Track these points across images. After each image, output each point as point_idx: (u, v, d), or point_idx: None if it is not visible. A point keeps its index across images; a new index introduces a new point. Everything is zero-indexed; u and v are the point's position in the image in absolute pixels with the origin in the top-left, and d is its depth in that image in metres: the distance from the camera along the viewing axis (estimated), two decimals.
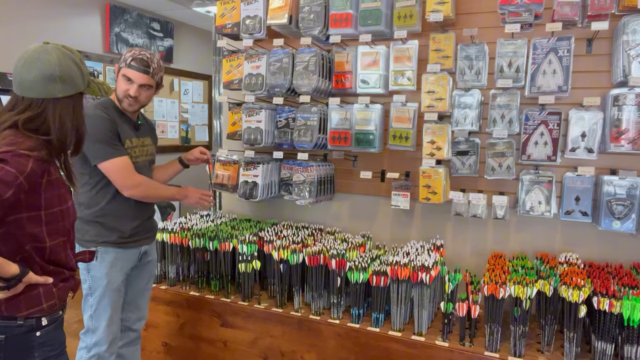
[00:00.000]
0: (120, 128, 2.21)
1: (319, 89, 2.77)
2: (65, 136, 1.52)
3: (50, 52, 1.49)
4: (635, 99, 2.21)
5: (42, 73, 1.47)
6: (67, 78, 1.49)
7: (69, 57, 1.52)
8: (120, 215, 2.23)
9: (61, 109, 1.50)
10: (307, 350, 2.53)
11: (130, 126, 2.28)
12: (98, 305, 2.22)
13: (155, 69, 2.19)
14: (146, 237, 2.36)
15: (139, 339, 2.51)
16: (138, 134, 2.32)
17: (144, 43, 6.75)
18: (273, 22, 2.86)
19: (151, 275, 2.49)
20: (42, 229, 1.49)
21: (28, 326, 1.49)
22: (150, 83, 2.19)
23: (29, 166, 1.39)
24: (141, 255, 2.36)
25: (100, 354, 2.22)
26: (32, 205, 1.45)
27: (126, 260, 2.28)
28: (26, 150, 1.40)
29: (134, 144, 2.28)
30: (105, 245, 2.20)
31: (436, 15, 2.51)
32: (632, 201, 2.27)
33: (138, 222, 2.29)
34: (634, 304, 1.96)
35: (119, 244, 2.23)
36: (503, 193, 2.58)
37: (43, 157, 1.45)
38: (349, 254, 2.55)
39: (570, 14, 2.29)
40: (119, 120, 2.22)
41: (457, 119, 2.55)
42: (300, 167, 2.85)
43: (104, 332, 2.23)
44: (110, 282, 2.22)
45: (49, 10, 5.36)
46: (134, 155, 2.26)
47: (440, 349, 2.25)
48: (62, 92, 1.49)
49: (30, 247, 1.47)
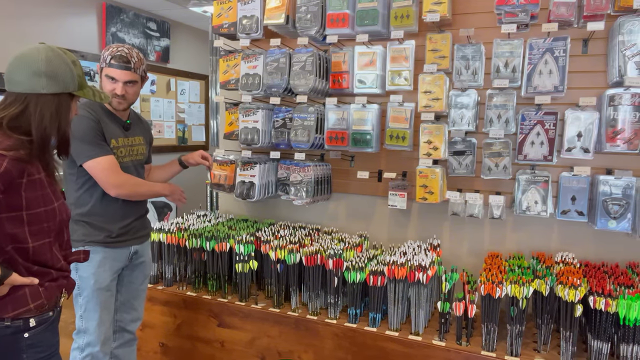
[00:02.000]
0: (106, 128, 2.20)
1: (316, 89, 2.77)
2: (46, 134, 1.49)
3: (40, 50, 1.49)
4: (630, 99, 2.22)
5: (29, 68, 1.46)
6: (53, 75, 1.48)
7: (59, 56, 1.51)
8: (108, 215, 2.21)
9: (43, 105, 1.48)
10: (305, 350, 2.53)
11: (117, 126, 2.27)
12: (87, 305, 2.20)
13: (136, 62, 2.17)
14: (136, 237, 2.33)
15: (134, 340, 2.50)
16: (127, 134, 2.31)
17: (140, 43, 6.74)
18: (270, 22, 2.85)
19: (145, 276, 2.47)
20: (24, 230, 1.47)
21: (15, 327, 1.47)
22: (134, 79, 2.18)
23: (3, 166, 1.38)
24: (132, 256, 2.34)
25: (94, 354, 2.22)
26: (11, 205, 1.43)
27: (115, 260, 2.26)
28: (2, 150, 1.39)
29: (120, 144, 2.26)
30: (92, 244, 2.18)
31: (433, 15, 2.52)
32: (627, 201, 2.28)
33: (127, 222, 2.27)
34: (629, 303, 1.97)
35: (107, 244, 2.21)
36: (499, 193, 2.59)
37: (21, 157, 1.43)
38: (346, 254, 2.55)
39: (566, 14, 2.29)
40: (106, 119, 2.21)
41: (454, 119, 2.55)
42: (298, 167, 2.85)
43: (95, 332, 2.21)
44: (98, 281, 2.20)
45: (45, 10, 5.34)
46: (120, 155, 2.25)
47: (437, 348, 2.26)
48: (46, 87, 1.48)
49: (12, 248, 1.45)
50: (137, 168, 2.37)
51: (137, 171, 2.37)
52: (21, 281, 1.44)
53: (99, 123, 2.16)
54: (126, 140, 2.30)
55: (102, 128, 2.17)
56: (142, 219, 2.39)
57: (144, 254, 2.43)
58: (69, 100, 1.56)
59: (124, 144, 2.28)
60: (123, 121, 2.30)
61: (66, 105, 1.55)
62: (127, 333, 2.44)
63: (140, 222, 2.38)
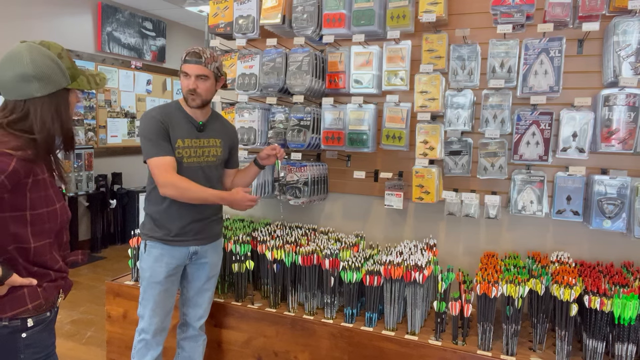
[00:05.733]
0: (175, 127, 2.24)
1: (313, 88, 2.77)
2: (49, 136, 1.49)
3: (22, 52, 1.45)
4: (625, 99, 2.24)
5: (15, 73, 1.44)
6: (42, 76, 1.45)
7: (43, 55, 1.47)
8: (168, 214, 2.27)
9: (42, 109, 1.47)
10: (301, 350, 2.53)
11: (190, 126, 2.29)
12: (144, 294, 2.32)
13: (208, 58, 2.22)
14: (196, 238, 2.33)
15: (200, 336, 2.51)
16: (199, 135, 2.31)
17: (136, 42, 6.72)
18: (266, 21, 2.85)
19: (208, 276, 2.45)
20: (27, 230, 1.46)
21: (13, 327, 1.47)
22: (205, 73, 2.21)
23: (12, 165, 1.38)
24: (191, 255, 2.36)
25: (147, 340, 2.32)
26: (16, 205, 1.43)
27: (172, 258, 2.30)
28: (10, 150, 1.39)
29: (187, 145, 2.27)
30: (153, 240, 2.29)
31: (429, 15, 2.52)
32: (622, 200, 2.29)
33: (185, 223, 2.29)
34: (624, 303, 1.98)
35: (166, 241, 2.29)
36: (495, 193, 2.60)
37: (29, 157, 1.42)
38: (342, 254, 2.55)
39: (562, 14, 2.30)
40: (178, 119, 2.27)
41: (450, 119, 2.56)
42: (294, 167, 2.85)
43: (148, 321, 2.30)
44: (153, 275, 2.28)
45: (40, 10, 5.32)
46: (184, 156, 2.26)
47: (433, 348, 2.26)
48: (39, 91, 1.45)
49: (14, 247, 1.45)
50: (206, 170, 2.33)
51: (207, 173, 2.34)
52: (20, 282, 1.44)
53: (163, 123, 2.21)
54: (196, 142, 2.30)
55: (167, 128, 2.22)
56: (204, 221, 2.35)
57: (206, 255, 2.40)
58: (66, 95, 1.54)
59: (191, 145, 2.28)
60: (197, 122, 2.31)
61: (64, 102, 1.53)
62: (192, 328, 2.48)
63: (202, 225, 2.35)
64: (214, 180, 2.39)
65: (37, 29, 5.21)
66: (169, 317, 2.39)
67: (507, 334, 2.18)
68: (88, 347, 3.59)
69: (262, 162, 2.52)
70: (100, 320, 3.91)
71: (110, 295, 2.95)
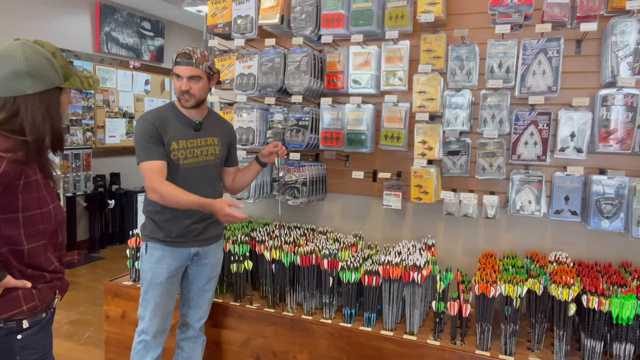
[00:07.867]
0: (169, 129, 2.23)
1: (311, 89, 2.77)
2: (40, 135, 1.47)
3: (16, 49, 1.45)
4: (623, 99, 2.24)
5: (8, 70, 1.42)
6: (35, 73, 1.44)
7: (37, 52, 1.46)
8: (168, 215, 2.26)
9: (32, 107, 1.45)
10: (300, 351, 2.53)
11: (186, 126, 2.29)
12: (145, 295, 2.31)
13: (199, 58, 2.21)
14: (197, 239, 2.33)
15: (199, 337, 2.50)
16: (197, 134, 2.31)
17: (134, 42, 6.71)
18: (265, 22, 2.85)
19: (209, 277, 2.45)
20: (20, 232, 1.46)
21: (8, 329, 1.46)
22: (197, 73, 2.20)
23: (2, 167, 1.37)
24: (192, 257, 2.36)
25: (147, 342, 2.31)
26: (8, 207, 1.43)
27: (173, 259, 2.30)
28: (1, 152, 1.38)
29: (182, 146, 2.26)
30: (154, 241, 2.29)
31: (427, 15, 2.53)
32: (620, 200, 2.30)
33: (186, 224, 2.28)
34: (622, 302, 1.98)
35: (166, 243, 2.28)
36: (493, 193, 2.60)
37: (20, 159, 1.41)
38: (341, 254, 2.55)
39: (560, 15, 2.31)
40: (173, 121, 2.26)
41: (448, 119, 2.56)
42: (292, 167, 2.85)
43: (148, 322, 2.30)
44: (154, 277, 2.28)
45: (38, 9, 5.31)
46: (181, 158, 2.25)
47: (432, 347, 2.26)
48: (31, 88, 1.44)
49: (7, 250, 1.45)
50: (205, 171, 2.33)
51: (206, 174, 2.33)
52: (15, 284, 1.43)
53: (157, 127, 2.20)
54: (193, 142, 2.29)
55: (160, 132, 2.20)
56: (205, 222, 2.34)
57: (207, 256, 2.40)
58: (58, 94, 1.53)
59: (187, 146, 2.27)
60: (193, 122, 2.30)
61: (55, 102, 1.52)
62: (191, 329, 2.48)
63: (203, 226, 2.34)
64: (214, 180, 2.39)
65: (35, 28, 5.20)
66: (170, 318, 2.39)
67: (505, 334, 2.18)
68: (86, 348, 3.58)
69: (264, 159, 2.52)
70: (99, 321, 3.90)
71: (108, 296, 2.94)
